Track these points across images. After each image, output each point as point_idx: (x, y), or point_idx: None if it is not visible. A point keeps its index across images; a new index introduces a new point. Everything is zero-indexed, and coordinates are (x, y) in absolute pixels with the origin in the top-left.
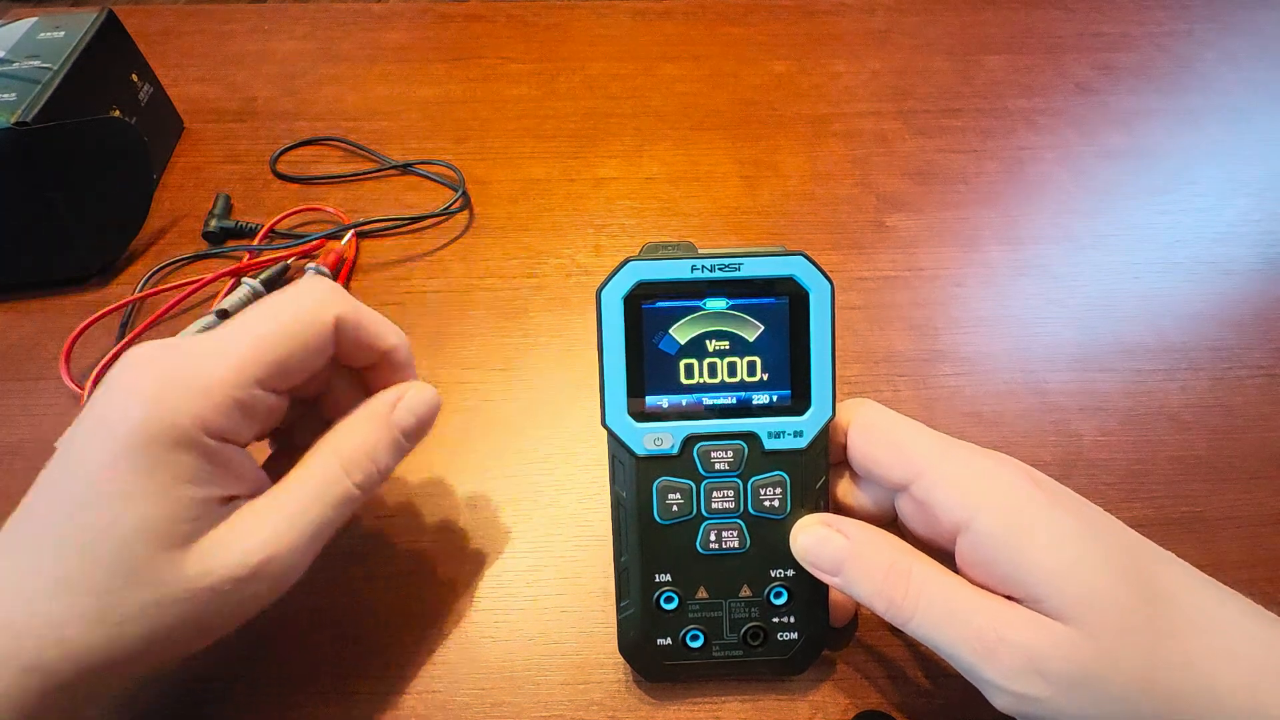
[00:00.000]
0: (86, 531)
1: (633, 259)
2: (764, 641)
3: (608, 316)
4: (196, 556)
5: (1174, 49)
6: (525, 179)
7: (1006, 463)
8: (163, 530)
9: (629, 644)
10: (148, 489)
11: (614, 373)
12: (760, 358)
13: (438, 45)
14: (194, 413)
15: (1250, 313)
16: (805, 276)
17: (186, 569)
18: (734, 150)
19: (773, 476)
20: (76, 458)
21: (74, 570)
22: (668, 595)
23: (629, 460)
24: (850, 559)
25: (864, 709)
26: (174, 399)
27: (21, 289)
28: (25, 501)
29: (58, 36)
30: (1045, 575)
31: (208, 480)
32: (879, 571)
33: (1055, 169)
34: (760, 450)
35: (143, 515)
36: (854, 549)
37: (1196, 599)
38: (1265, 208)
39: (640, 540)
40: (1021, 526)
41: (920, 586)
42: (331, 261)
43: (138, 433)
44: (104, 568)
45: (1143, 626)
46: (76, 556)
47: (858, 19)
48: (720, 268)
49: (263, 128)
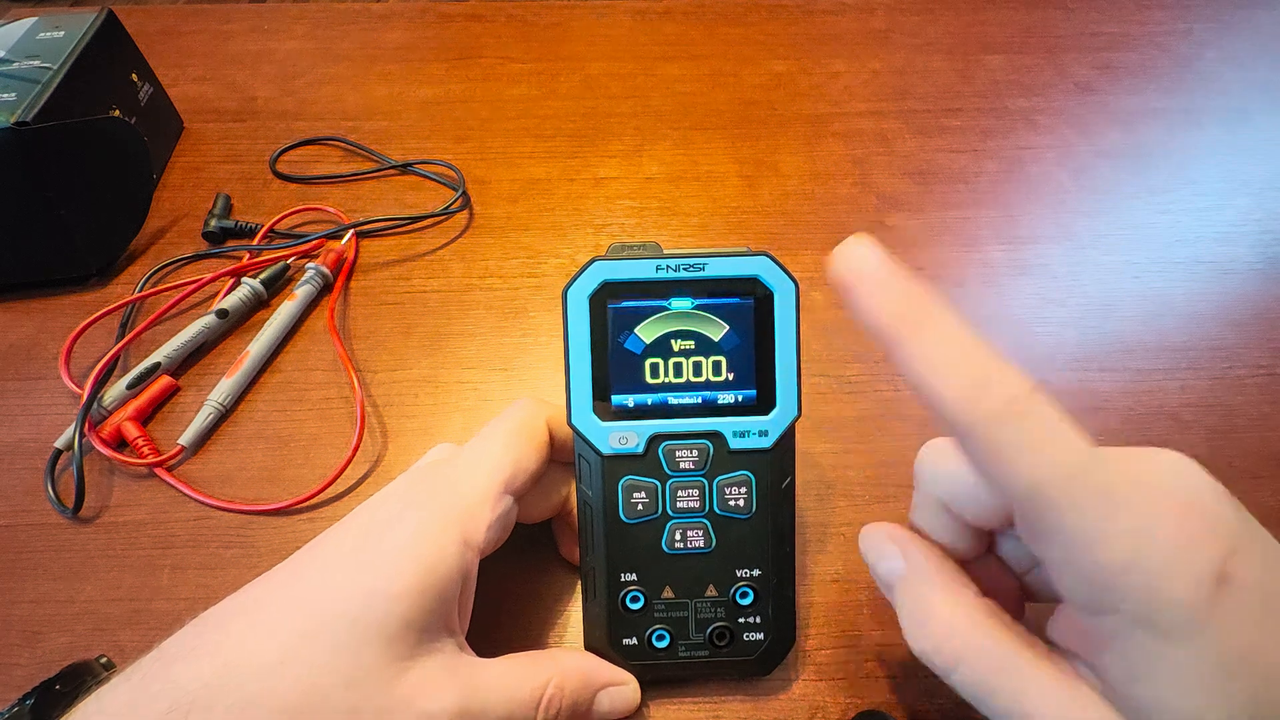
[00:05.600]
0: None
1: (599, 258)
2: (730, 642)
3: (574, 315)
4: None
5: (1174, 49)
6: (525, 179)
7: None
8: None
9: (594, 643)
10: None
11: (580, 371)
12: (725, 358)
13: (438, 45)
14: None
15: (1250, 313)
16: (770, 277)
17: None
18: (734, 150)
19: (738, 476)
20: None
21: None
22: (633, 595)
23: (594, 459)
24: (901, 587)
25: (864, 709)
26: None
27: (21, 289)
28: (291, 566)
29: (58, 36)
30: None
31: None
32: (927, 609)
33: (1055, 169)
34: (725, 450)
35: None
36: (908, 579)
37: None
38: (1265, 207)
39: (606, 539)
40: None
41: (967, 639)
42: (331, 261)
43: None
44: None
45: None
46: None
47: (858, 19)
48: (685, 268)
49: (262, 128)
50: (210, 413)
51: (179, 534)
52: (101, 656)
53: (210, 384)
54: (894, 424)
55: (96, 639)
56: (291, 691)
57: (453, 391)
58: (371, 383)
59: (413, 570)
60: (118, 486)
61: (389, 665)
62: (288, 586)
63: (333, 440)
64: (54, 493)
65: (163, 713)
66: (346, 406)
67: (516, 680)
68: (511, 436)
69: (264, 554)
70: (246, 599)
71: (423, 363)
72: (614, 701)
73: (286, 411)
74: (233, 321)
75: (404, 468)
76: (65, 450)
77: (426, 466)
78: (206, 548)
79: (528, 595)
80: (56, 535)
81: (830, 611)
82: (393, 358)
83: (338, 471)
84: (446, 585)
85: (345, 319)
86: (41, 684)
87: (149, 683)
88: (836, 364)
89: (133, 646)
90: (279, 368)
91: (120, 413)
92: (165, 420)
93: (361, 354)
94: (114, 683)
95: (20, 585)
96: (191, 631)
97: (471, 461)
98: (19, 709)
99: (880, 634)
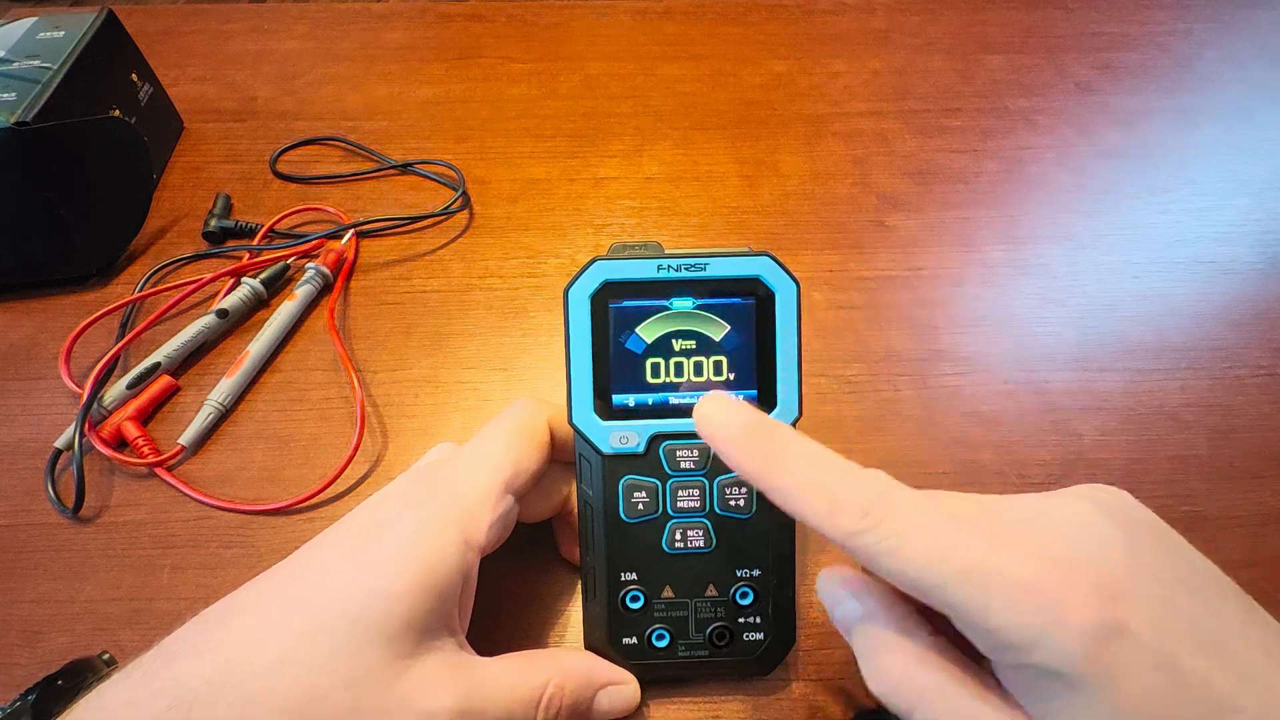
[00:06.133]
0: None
1: (600, 258)
2: (730, 642)
3: (575, 315)
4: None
5: (1174, 49)
6: (525, 179)
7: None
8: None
9: (594, 643)
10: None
11: (580, 371)
12: (726, 357)
13: (438, 45)
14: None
15: (1250, 313)
16: (771, 277)
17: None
18: (734, 150)
19: (739, 476)
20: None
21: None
22: (633, 594)
23: (595, 458)
24: (858, 630)
25: (864, 709)
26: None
27: (21, 289)
28: (291, 565)
29: (58, 36)
30: None
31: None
32: (883, 653)
33: (1055, 169)
34: None
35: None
36: (863, 622)
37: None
38: (1265, 207)
39: (606, 538)
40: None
41: (922, 682)
42: (331, 261)
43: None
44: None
45: None
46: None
47: (858, 19)
48: (686, 268)
49: (263, 128)
50: (210, 413)
51: (179, 534)
52: (104, 653)
53: (210, 384)
54: (894, 424)
55: (96, 639)
56: (292, 690)
57: (453, 391)
58: (371, 383)
59: (413, 570)
60: (118, 486)
61: (389, 665)
62: (288, 585)
63: (333, 440)
64: (54, 493)
65: (163, 709)
66: (346, 406)
67: (516, 679)
68: (512, 436)
69: (264, 554)
70: (247, 597)
71: (423, 363)
72: (614, 701)
73: (286, 411)
74: (233, 321)
75: (404, 468)
76: (65, 450)
77: (426, 466)
78: (206, 548)
79: (528, 595)
80: (56, 535)
81: None
82: (393, 358)
83: (338, 471)
84: (447, 585)
85: (345, 319)
86: (43, 680)
87: (150, 680)
88: (836, 364)
89: (133, 646)
90: (279, 368)
91: (120, 413)
92: (165, 420)
93: (361, 354)
94: (114, 679)
95: (20, 585)
96: (192, 629)
97: (472, 461)
98: (21, 704)
99: None
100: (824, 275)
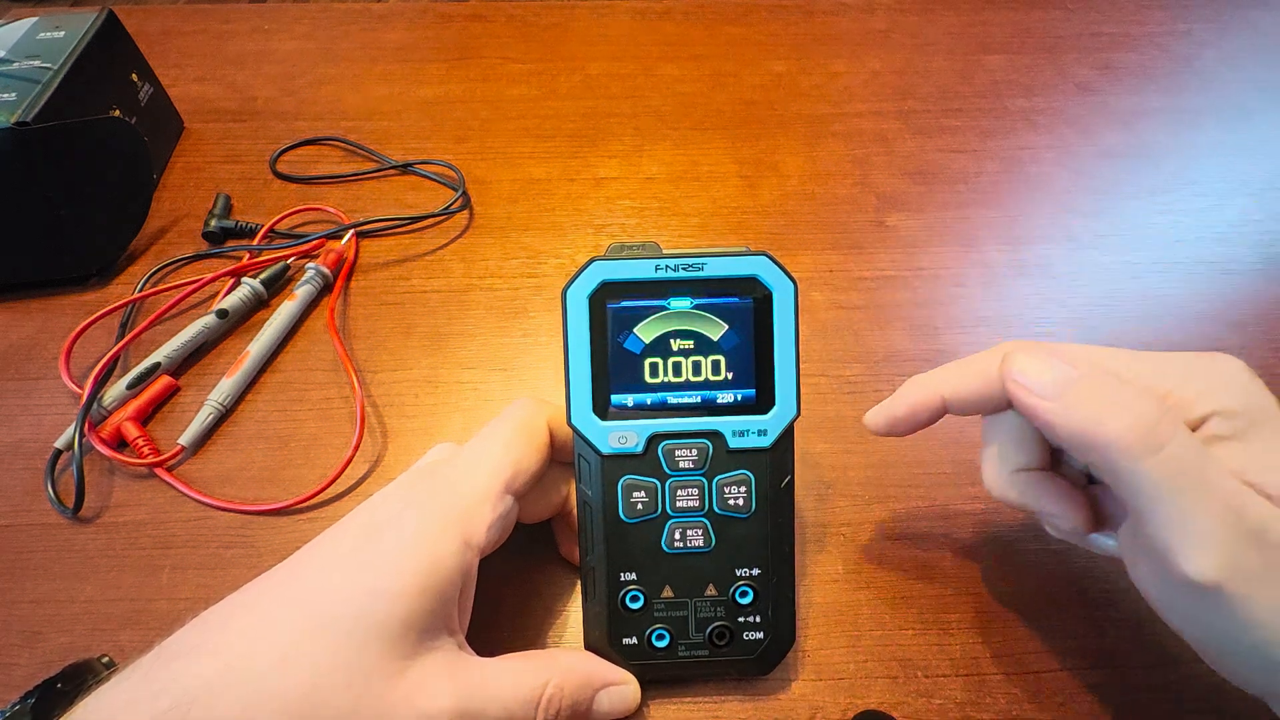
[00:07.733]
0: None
1: (598, 258)
2: (730, 641)
3: (573, 315)
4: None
5: (1174, 49)
6: (525, 179)
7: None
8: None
9: (594, 643)
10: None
11: (579, 371)
12: (724, 357)
13: (438, 45)
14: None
15: (1250, 313)
16: (769, 277)
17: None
18: (734, 150)
19: (737, 475)
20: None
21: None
22: (633, 594)
23: (594, 458)
24: (1080, 381)
25: (864, 709)
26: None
27: (21, 289)
28: (291, 566)
29: (58, 36)
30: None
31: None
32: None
33: (1055, 169)
34: (725, 449)
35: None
36: (1084, 374)
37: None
38: (1265, 208)
39: (606, 538)
40: None
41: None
42: (331, 261)
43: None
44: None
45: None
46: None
47: (858, 19)
48: (684, 268)
49: (263, 128)
50: (210, 413)
51: (179, 534)
52: (103, 656)
53: (210, 384)
54: None
55: (96, 639)
56: (292, 691)
57: (453, 391)
58: (371, 383)
59: (413, 570)
60: (118, 486)
61: (389, 665)
62: (288, 586)
63: (333, 440)
64: (54, 493)
65: (164, 710)
66: (346, 406)
67: (516, 680)
68: (512, 436)
69: (264, 554)
70: (247, 598)
71: (423, 363)
72: (614, 701)
73: (286, 411)
74: (233, 321)
75: (404, 468)
76: (65, 450)
77: (426, 466)
78: (206, 548)
79: (528, 595)
80: (56, 535)
81: (830, 611)
82: (393, 358)
83: (338, 471)
84: (446, 585)
85: (345, 319)
86: (43, 683)
87: (150, 681)
88: (836, 364)
89: (133, 646)
90: (279, 368)
91: (120, 413)
92: (165, 420)
93: (361, 354)
94: (114, 681)
95: (20, 585)
96: (192, 630)
97: (471, 461)
98: (20, 707)
99: (880, 634)
100: (824, 275)
